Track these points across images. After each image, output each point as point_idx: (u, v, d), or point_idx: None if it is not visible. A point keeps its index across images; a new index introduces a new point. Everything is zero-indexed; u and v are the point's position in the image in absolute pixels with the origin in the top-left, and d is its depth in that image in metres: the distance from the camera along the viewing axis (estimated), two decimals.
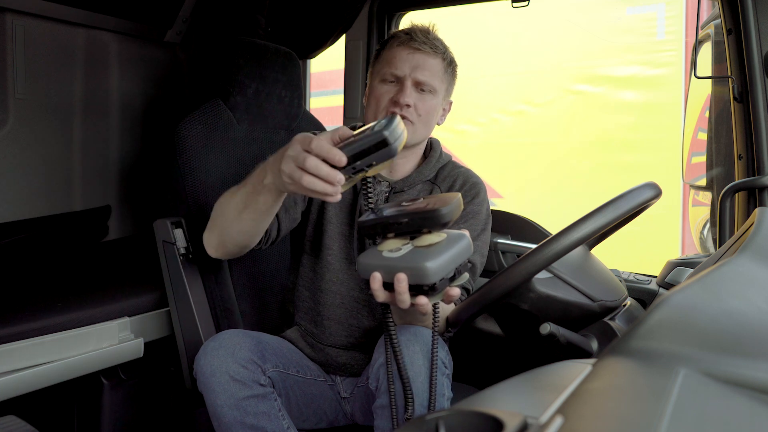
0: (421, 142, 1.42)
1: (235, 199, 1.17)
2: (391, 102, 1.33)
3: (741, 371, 0.53)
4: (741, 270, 0.76)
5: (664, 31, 3.67)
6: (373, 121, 1.28)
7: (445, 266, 0.92)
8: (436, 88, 1.36)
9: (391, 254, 0.94)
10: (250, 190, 1.12)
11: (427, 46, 1.35)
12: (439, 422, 0.50)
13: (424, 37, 1.35)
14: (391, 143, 0.90)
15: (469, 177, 1.45)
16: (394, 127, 0.91)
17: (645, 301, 1.53)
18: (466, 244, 0.96)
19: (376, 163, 0.92)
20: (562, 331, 1.13)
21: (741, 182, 1.49)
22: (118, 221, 1.93)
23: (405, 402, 1.07)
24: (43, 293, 1.57)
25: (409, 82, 1.33)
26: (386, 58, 1.37)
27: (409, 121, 1.33)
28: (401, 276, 0.92)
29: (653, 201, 1.15)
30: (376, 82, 1.37)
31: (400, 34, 1.38)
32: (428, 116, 1.36)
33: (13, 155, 1.65)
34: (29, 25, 1.63)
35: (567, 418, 0.45)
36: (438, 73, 1.36)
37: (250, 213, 1.14)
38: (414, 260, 0.91)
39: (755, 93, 1.45)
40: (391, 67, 1.34)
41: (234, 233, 1.21)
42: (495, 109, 4.18)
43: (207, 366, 1.16)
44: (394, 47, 1.37)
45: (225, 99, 1.64)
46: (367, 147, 0.91)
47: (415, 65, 1.33)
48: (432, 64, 1.35)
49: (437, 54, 1.36)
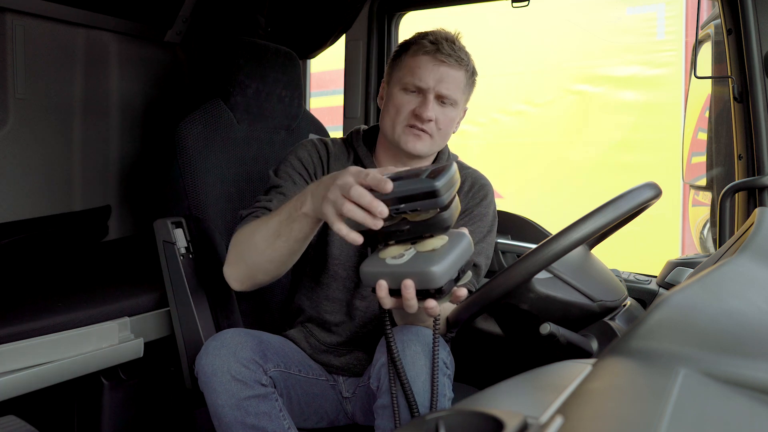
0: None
1: (266, 229, 1.15)
2: (412, 114, 1.31)
3: (741, 371, 0.53)
4: (741, 270, 0.76)
5: (664, 31, 3.67)
6: (393, 132, 1.30)
7: (450, 269, 0.92)
8: (458, 101, 1.34)
9: (395, 261, 0.93)
10: (285, 217, 1.10)
11: (453, 59, 1.31)
12: (439, 422, 0.50)
13: (450, 49, 1.31)
14: (441, 195, 0.86)
15: (477, 179, 1.44)
16: (448, 179, 0.88)
17: (645, 301, 1.53)
18: (467, 244, 0.96)
19: (421, 210, 0.89)
20: (562, 331, 1.13)
21: (741, 182, 1.49)
22: (118, 221, 1.92)
23: (408, 404, 1.07)
24: (43, 293, 1.57)
25: (432, 96, 1.30)
26: (409, 65, 1.33)
27: (428, 134, 1.31)
28: (408, 282, 0.91)
29: (653, 201, 1.15)
30: (396, 90, 1.34)
31: (425, 43, 1.32)
32: (447, 128, 1.35)
33: (13, 155, 1.65)
34: (29, 25, 1.63)
35: (567, 418, 0.45)
36: (461, 86, 1.34)
37: (283, 242, 1.12)
38: (419, 266, 0.91)
39: (755, 93, 1.45)
40: (414, 78, 1.31)
41: (265, 263, 1.18)
42: (495, 109, 4.18)
43: (208, 365, 1.16)
44: (419, 55, 1.32)
45: (225, 99, 1.64)
46: (415, 193, 0.88)
47: (440, 78, 1.30)
48: (456, 77, 1.32)
49: (462, 66, 1.32)
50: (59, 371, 1.41)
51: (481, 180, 1.45)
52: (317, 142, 1.42)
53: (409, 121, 1.31)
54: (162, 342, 1.64)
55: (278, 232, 1.12)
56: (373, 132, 1.46)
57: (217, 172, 1.61)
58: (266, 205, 1.29)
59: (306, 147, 1.40)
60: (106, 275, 1.77)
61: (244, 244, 1.20)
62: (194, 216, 1.57)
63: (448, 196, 0.88)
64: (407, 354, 1.11)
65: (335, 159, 1.41)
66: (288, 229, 1.10)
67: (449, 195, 0.88)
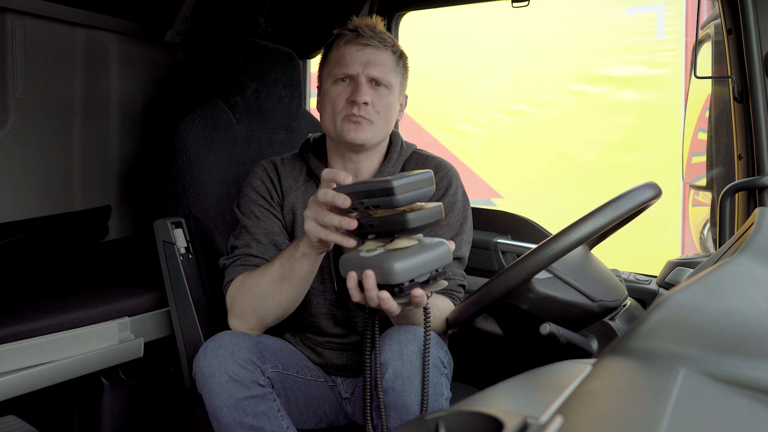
0: (383, 141, 1.39)
1: (270, 275, 1.20)
2: (348, 102, 1.29)
3: (741, 371, 0.53)
4: (741, 270, 0.76)
5: (664, 31, 3.67)
6: (334, 128, 1.32)
7: (413, 269, 0.95)
8: (391, 83, 1.33)
9: (367, 254, 0.97)
10: (286, 260, 1.17)
11: (376, 40, 1.31)
12: (439, 422, 0.50)
13: (371, 32, 1.32)
14: (396, 194, 0.91)
15: (439, 167, 1.41)
16: (410, 181, 0.92)
17: (645, 301, 1.52)
18: (441, 252, 0.98)
19: (381, 206, 0.94)
20: (562, 331, 1.13)
21: (741, 182, 1.48)
22: (118, 221, 1.92)
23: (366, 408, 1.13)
24: (43, 293, 1.57)
25: (363, 79, 1.29)
26: (335, 58, 1.33)
27: (368, 120, 1.30)
28: (369, 273, 0.95)
29: (653, 201, 1.15)
30: (328, 85, 1.33)
31: (345, 32, 1.34)
32: (387, 113, 1.33)
33: (13, 155, 1.65)
34: (29, 25, 1.63)
35: (567, 418, 0.45)
36: (391, 67, 1.33)
37: (288, 284, 1.18)
38: (382, 260, 0.95)
39: (755, 93, 1.45)
40: (342, 67, 1.30)
41: (274, 308, 1.23)
42: (495, 109, 4.18)
43: (206, 366, 1.16)
44: (341, 46, 1.33)
45: (225, 99, 1.64)
46: (373, 189, 0.93)
47: (367, 61, 1.30)
48: (384, 58, 1.32)
49: (387, 47, 1.33)
50: (59, 371, 1.41)
51: (444, 168, 1.41)
52: (266, 165, 1.42)
53: (346, 111, 1.30)
54: (162, 342, 1.64)
55: (283, 276, 1.18)
56: (324, 140, 1.45)
57: (217, 172, 1.61)
58: (247, 251, 1.32)
59: (257, 174, 1.41)
60: (106, 275, 1.77)
61: (249, 295, 1.24)
62: (194, 216, 1.57)
63: (408, 198, 0.92)
64: (404, 354, 1.11)
65: (286, 177, 1.41)
66: (291, 270, 1.16)
67: (409, 196, 0.92)
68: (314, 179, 1.41)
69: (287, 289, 1.19)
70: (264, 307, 1.23)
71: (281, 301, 1.22)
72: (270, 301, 1.22)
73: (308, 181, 1.41)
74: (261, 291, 1.21)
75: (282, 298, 1.21)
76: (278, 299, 1.21)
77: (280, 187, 1.41)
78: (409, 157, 1.44)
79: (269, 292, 1.21)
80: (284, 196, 1.40)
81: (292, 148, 1.71)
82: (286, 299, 1.22)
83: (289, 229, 1.40)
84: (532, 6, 1.81)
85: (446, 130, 4.31)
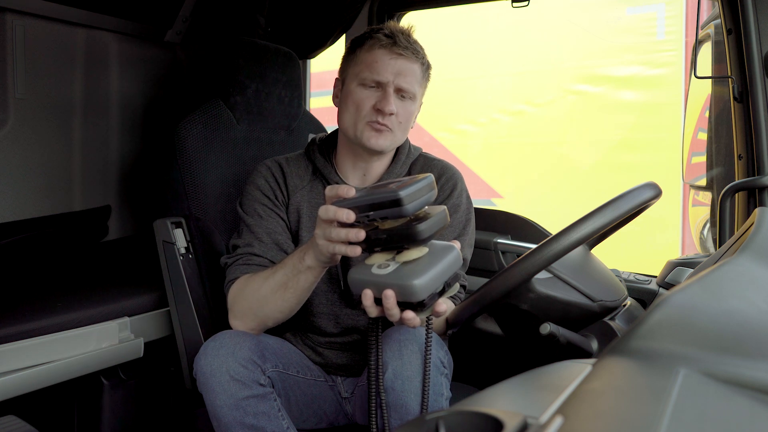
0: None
1: (273, 282, 1.20)
2: (374, 109, 1.30)
3: (741, 371, 0.53)
4: (741, 270, 0.76)
5: (664, 31, 3.67)
6: (355, 130, 1.31)
7: (432, 283, 0.93)
8: (416, 94, 1.34)
9: (380, 270, 0.95)
10: (290, 270, 1.17)
11: (410, 52, 1.31)
12: (439, 422, 0.50)
13: (406, 42, 1.31)
14: (404, 204, 0.89)
15: (444, 170, 1.43)
16: (416, 189, 0.91)
17: (645, 301, 1.52)
18: (453, 258, 0.97)
19: (390, 218, 0.92)
20: (562, 331, 1.13)
21: (741, 182, 1.48)
22: (118, 221, 1.93)
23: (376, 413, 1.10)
24: (43, 293, 1.57)
25: (391, 89, 1.30)
26: (366, 60, 1.32)
27: (390, 129, 1.31)
28: (389, 293, 0.93)
29: (653, 201, 1.15)
30: (354, 86, 1.33)
31: (381, 36, 1.32)
32: (407, 122, 1.35)
33: (13, 155, 1.65)
34: (29, 25, 1.63)
35: (567, 418, 0.45)
36: (418, 79, 1.34)
37: (291, 293, 1.19)
38: (401, 278, 0.92)
39: (755, 93, 1.45)
40: (372, 72, 1.30)
41: (275, 313, 1.24)
42: (495, 109, 4.18)
43: (207, 366, 1.16)
44: (375, 49, 1.31)
45: (225, 99, 1.64)
46: (380, 201, 0.92)
47: (398, 71, 1.30)
48: (413, 70, 1.32)
49: (418, 59, 1.33)
50: (59, 371, 1.41)
51: (449, 171, 1.43)
52: (271, 165, 1.42)
53: (371, 117, 1.30)
54: (162, 342, 1.64)
55: (286, 285, 1.18)
56: (331, 139, 1.46)
57: (217, 172, 1.61)
58: (249, 250, 1.32)
59: (261, 173, 1.41)
60: (106, 275, 1.77)
61: (251, 299, 1.24)
62: (194, 216, 1.57)
63: (415, 206, 0.91)
64: (404, 354, 1.11)
65: (292, 176, 1.41)
66: (295, 281, 1.16)
67: (416, 205, 0.91)
68: (320, 178, 1.41)
69: (289, 297, 1.20)
70: (265, 311, 1.24)
71: (282, 308, 1.22)
72: (271, 307, 1.23)
73: (314, 179, 1.42)
74: (262, 297, 1.22)
75: (283, 305, 1.22)
76: (279, 306, 1.22)
77: (285, 186, 1.41)
78: (415, 160, 1.45)
79: (271, 299, 1.21)
80: (290, 195, 1.40)
81: (292, 148, 1.71)
82: (288, 306, 1.22)
83: (294, 229, 1.40)
84: (532, 6, 1.81)
85: (446, 130, 4.31)
